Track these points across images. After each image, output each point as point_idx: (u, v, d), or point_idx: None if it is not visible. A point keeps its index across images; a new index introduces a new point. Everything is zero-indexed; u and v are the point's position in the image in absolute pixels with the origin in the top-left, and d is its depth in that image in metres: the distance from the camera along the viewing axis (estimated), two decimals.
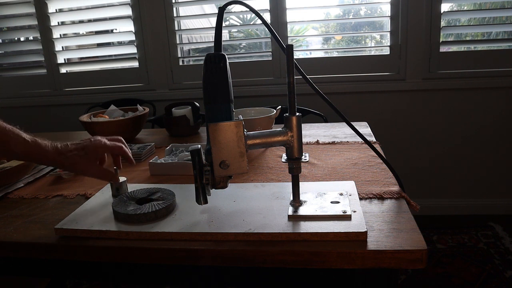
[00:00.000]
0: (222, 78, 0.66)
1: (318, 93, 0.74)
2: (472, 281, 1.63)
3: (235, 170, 0.67)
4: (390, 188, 0.82)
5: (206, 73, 0.66)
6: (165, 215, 0.73)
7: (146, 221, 0.71)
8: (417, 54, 2.03)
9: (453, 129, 2.12)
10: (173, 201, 0.76)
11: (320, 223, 0.66)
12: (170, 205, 0.74)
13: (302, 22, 2.30)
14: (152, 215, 0.71)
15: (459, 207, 2.21)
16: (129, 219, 0.71)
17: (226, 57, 0.67)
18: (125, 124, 1.32)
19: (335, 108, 0.75)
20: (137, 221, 0.71)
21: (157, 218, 0.72)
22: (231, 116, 0.68)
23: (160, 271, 0.72)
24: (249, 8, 0.69)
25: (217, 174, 0.67)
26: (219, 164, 0.67)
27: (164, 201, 0.76)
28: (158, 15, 2.17)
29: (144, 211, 0.72)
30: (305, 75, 0.72)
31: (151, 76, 2.27)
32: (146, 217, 0.71)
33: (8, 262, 0.77)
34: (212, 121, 0.66)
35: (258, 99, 2.12)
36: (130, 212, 0.72)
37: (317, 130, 1.35)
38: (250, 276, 0.70)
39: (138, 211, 0.72)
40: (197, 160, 0.67)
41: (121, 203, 0.76)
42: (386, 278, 0.65)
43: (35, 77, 2.39)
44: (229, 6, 0.68)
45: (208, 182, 0.67)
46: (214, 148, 0.66)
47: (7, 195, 0.93)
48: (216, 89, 0.67)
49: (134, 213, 0.71)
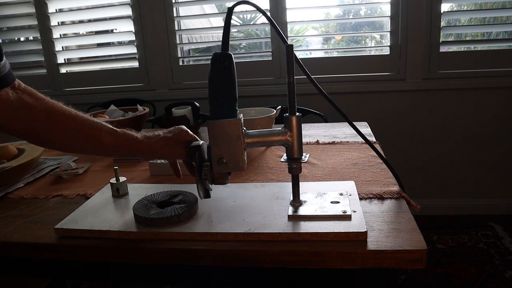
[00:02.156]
0: (226, 77, 0.67)
1: (320, 91, 0.74)
2: (472, 281, 1.63)
3: (233, 168, 0.69)
4: (390, 188, 0.82)
5: (211, 72, 0.68)
6: (188, 218, 0.71)
7: (169, 225, 0.69)
8: (417, 54, 2.03)
9: (453, 129, 2.12)
10: (196, 204, 0.75)
11: (320, 223, 0.66)
12: (193, 208, 0.73)
13: (302, 22, 2.30)
14: (175, 218, 0.70)
15: (459, 207, 2.21)
16: (152, 222, 0.69)
17: (232, 56, 0.68)
18: (125, 124, 1.31)
19: (338, 107, 0.75)
20: (159, 225, 0.69)
21: (179, 222, 0.70)
22: (234, 115, 0.68)
23: (160, 271, 0.72)
24: (257, 8, 0.69)
25: (216, 171, 0.69)
26: (217, 160, 0.68)
27: (187, 204, 0.74)
28: (158, 15, 2.17)
29: (166, 215, 0.70)
30: (309, 75, 0.72)
31: (151, 76, 2.27)
32: (169, 221, 0.69)
33: (8, 262, 0.77)
34: (215, 119, 0.67)
35: (258, 99, 2.12)
36: (153, 216, 0.70)
37: (317, 130, 1.35)
38: (250, 276, 0.70)
39: (160, 215, 0.70)
40: (197, 156, 0.70)
41: (142, 207, 0.74)
42: (386, 278, 0.65)
43: (35, 77, 2.39)
44: (237, 6, 0.68)
45: (207, 177, 0.69)
46: (213, 145, 0.68)
47: (7, 195, 0.93)
48: (220, 88, 0.68)
49: (157, 216, 0.69)
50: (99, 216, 0.74)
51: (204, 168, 0.69)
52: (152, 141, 0.75)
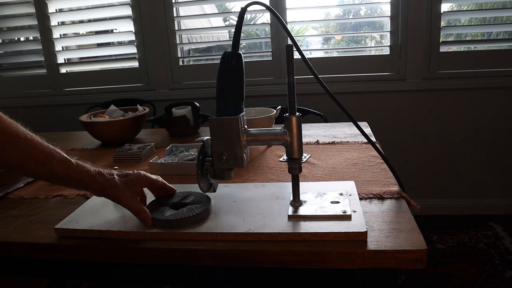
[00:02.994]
0: (233, 76, 0.68)
1: (327, 91, 0.74)
2: (472, 281, 1.63)
3: (233, 164, 0.71)
4: (390, 188, 0.82)
5: (219, 70, 0.69)
6: (205, 218, 0.71)
7: (187, 225, 0.69)
8: (417, 54, 2.03)
9: (453, 129, 2.12)
10: (210, 204, 0.74)
11: (320, 223, 0.66)
12: (208, 208, 0.73)
13: (302, 22, 2.30)
14: (193, 219, 0.69)
15: (459, 207, 2.21)
16: (169, 224, 0.69)
17: (241, 56, 0.68)
18: (125, 124, 1.32)
19: (343, 107, 0.74)
20: (177, 226, 0.68)
21: (197, 222, 0.70)
22: (239, 113, 0.69)
23: (160, 271, 0.72)
24: (268, 8, 0.69)
25: (216, 166, 0.72)
26: (217, 156, 0.71)
27: (202, 204, 0.74)
28: (158, 15, 2.17)
29: (184, 216, 0.69)
30: (316, 75, 0.72)
31: (151, 76, 2.27)
32: (188, 221, 0.69)
33: (8, 262, 0.77)
34: (219, 117, 0.69)
35: (258, 99, 2.12)
36: (170, 218, 0.69)
37: (317, 130, 1.35)
38: (250, 276, 0.70)
39: (177, 216, 0.69)
40: (201, 150, 0.73)
41: (155, 209, 0.73)
42: (386, 278, 0.65)
43: (35, 77, 2.39)
44: (250, 6, 0.68)
45: (208, 172, 0.72)
46: (213, 141, 0.70)
47: (7, 195, 0.93)
48: (225, 86, 0.69)
49: (175, 218, 0.69)
50: (99, 216, 0.74)
51: (205, 163, 0.72)
52: (103, 179, 0.69)
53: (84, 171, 0.68)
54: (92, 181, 0.69)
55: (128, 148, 1.18)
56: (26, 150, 0.64)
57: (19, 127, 0.65)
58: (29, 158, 0.64)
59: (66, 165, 0.67)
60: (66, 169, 0.67)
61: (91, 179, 0.69)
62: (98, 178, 0.69)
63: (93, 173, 0.69)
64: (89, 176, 0.68)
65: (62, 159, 0.67)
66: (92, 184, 0.69)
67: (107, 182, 0.69)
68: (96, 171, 0.70)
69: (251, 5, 0.69)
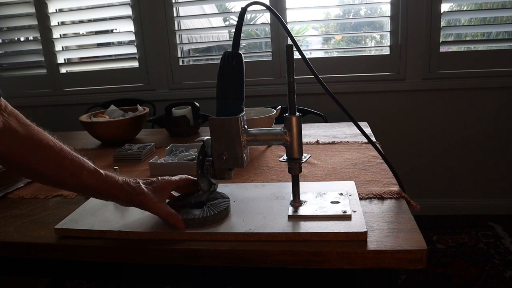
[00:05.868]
0: (233, 76, 0.68)
1: (327, 91, 0.74)
2: (472, 281, 1.63)
3: (233, 164, 0.71)
4: (390, 188, 0.82)
5: (219, 70, 0.69)
6: (225, 216, 0.71)
7: (210, 224, 0.69)
8: (417, 54, 2.03)
9: (453, 129, 2.12)
10: (229, 202, 0.74)
11: (320, 223, 0.66)
12: (228, 205, 0.73)
13: (302, 22, 2.30)
14: (216, 217, 0.69)
15: (459, 207, 2.21)
16: (193, 223, 0.68)
17: (242, 56, 0.68)
18: (125, 124, 1.32)
19: (344, 107, 0.74)
20: (199, 225, 0.68)
21: (218, 220, 0.70)
22: (239, 113, 0.69)
23: (160, 271, 0.72)
24: (268, 8, 0.69)
25: (216, 166, 0.73)
26: (217, 156, 0.71)
27: (221, 199, 0.74)
28: (158, 15, 2.17)
29: (205, 214, 0.69)
30: (317, 75, 0.72)
31: (151, 76, 2.27)
32: (212, 220, 0.69)
33: (8, 262, 0.77)
34: (220, 116, 0.69)
35: (258, 99, 2.11)
36: (190, 217, 0.69)
37: (317, 130, 1.35)
38: (250, 276, 0.70)
39: (199, 215, 0.69)
40: (201, 150, 0.73)
41: (178, 211, 0.71)
42: (386, 278, 0.65)
43: (35, 77, 2.39)
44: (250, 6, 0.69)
45: (208, 171, 0.72)
46: (213, 141, 0.71)
47: (7, 195, 0.93)
48: (226, 86, 0.69)
49: (197, 217, 0.68)
50: (99, 216, 0.74)
51: (206, 163, 0.72)
52: (129, 187, 0.68)
53: (113, 181, 0.67)
54: (120, 190, 0.67)
55: (128, 148, 1.18)
56: (57, 160, 0.63)
57: (48, 136, 0.64)
58: (61, 169, 0.63)
59: (96, 175, 0.66)
60: (96, 180, 0.66)
61: (119, 189, 0.67)
62: (125, 187, 0.68)
63: (121, 182, 0.68)
64: (117, 185, 0.67)
65: (92, 170, 0.66)
66: (119, 194, 0.68)
67: (134, 190, 0.68)
68: (123, 180, 0.69)
69: (251, 5, 0.69)
